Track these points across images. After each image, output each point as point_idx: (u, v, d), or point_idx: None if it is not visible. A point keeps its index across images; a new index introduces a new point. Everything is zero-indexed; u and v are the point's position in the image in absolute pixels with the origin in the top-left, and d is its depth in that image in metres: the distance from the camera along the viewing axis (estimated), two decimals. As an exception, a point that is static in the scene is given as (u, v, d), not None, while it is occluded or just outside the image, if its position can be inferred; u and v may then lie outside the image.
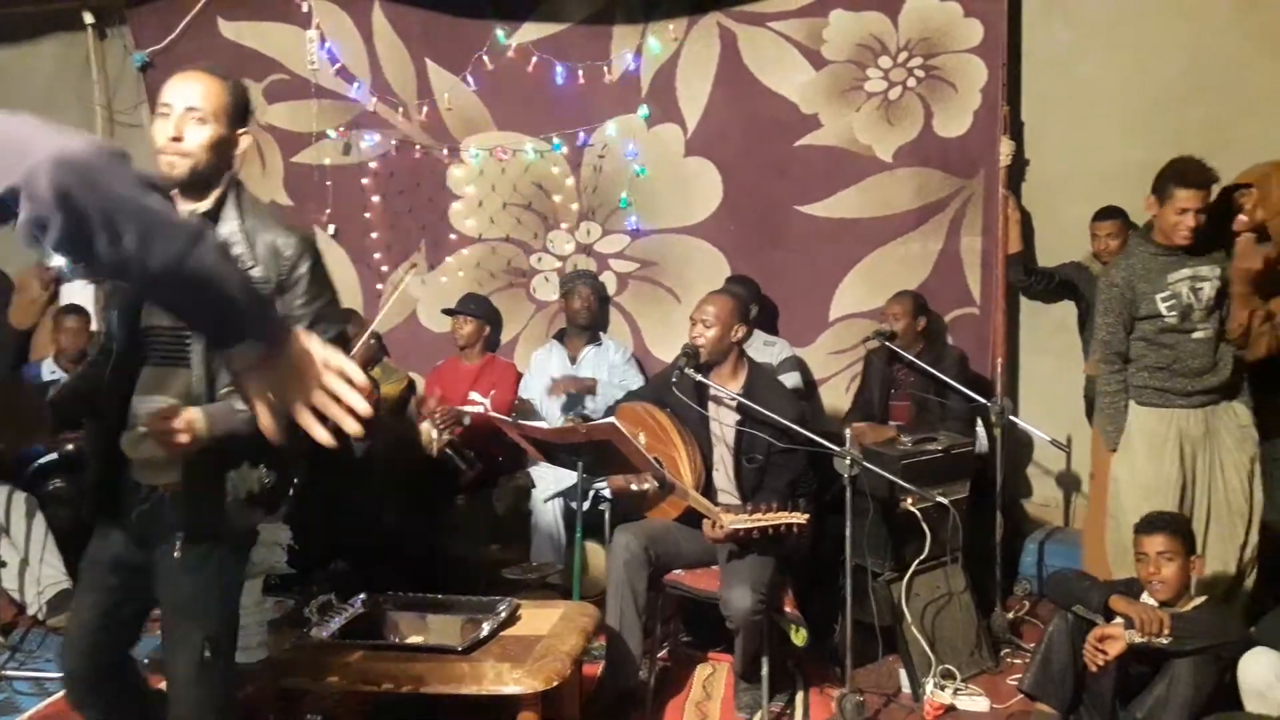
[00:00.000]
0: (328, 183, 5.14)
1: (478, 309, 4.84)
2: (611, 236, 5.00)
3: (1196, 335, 3.40)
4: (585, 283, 4.74)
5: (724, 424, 3.42)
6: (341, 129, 5.10)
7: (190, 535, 2.10)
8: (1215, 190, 3.42)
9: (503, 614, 2.85)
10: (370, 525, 3.77)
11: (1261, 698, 2.76)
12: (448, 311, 4.81)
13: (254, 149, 5.15)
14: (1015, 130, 4.54)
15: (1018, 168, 4.58)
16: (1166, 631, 2.84)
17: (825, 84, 4.68)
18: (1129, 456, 3.51)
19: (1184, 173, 3.33)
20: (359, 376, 1.43)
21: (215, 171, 2.14)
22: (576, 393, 4.43)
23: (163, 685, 2.17)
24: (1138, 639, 2.86)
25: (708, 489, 3.39)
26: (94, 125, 5.20)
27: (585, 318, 4.70)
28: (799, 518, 3.06)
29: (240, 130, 2.17)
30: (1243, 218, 3.55)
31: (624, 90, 4.84)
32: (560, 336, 4.80)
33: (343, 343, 2.30)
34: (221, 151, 2.14)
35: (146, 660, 2.77)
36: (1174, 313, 3.40)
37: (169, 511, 2.11)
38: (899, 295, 4.41)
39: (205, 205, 2.13)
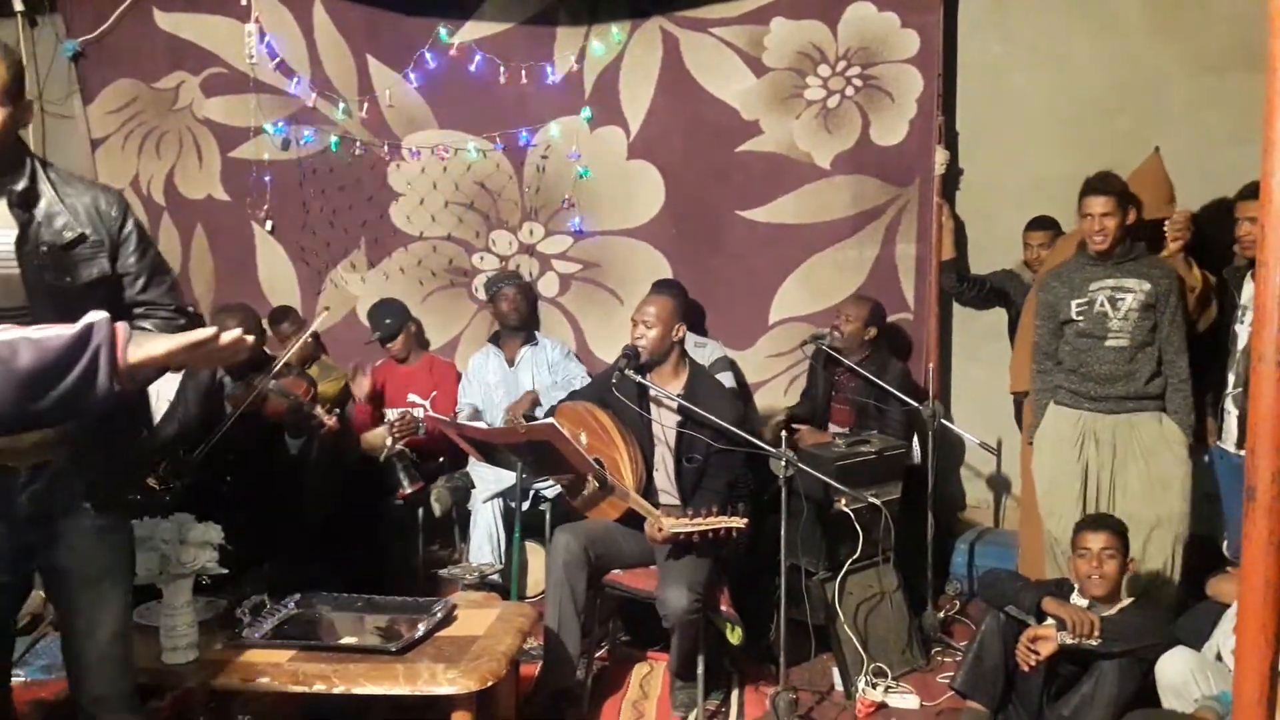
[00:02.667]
0: (266, 178, 5.07)
1: (396, 321, 4.71)
2: (554, 237, 5.00)
3: (1109, 343, 3.54)
4: (510, 284, 4.71)
5: (665, 425, 3.45)
6: (280, 124, 5.03)
7: (96, 504, 2.12)
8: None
9: (438, 614, 2.85)
10: (305, 524, 3.73)
11: (1178, 695, 2.84)
12: (379, 341, 4.69)
13: (191, 142, 5.13)
14: (950, 140, 4.64)
15: (952, 176, 4.68)
16: (1096, 633, 2.94)
17: (766, 91, 4.73)
18: (1038, 453, 3.72)
19: (1089, 182, 3.56)
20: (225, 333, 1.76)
21: (13, 150, 2.11)
22: (530, 410, 4.39)
23: None
24: (1068, 640, 2.95)
25: (648, 489, 3.41)
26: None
27: (514, 320, 4.68)
28: (738, 522, 3.08)
29: (24, 100, 2.12)
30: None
31: (567, 91, 4.85)
32: (496, 339, 4.78)
33: (175, 288, 2.33)
34: (13, 129, 2.09)
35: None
36: (1083, 318, 3.57)
37: (67, 482, 2.10)
38: (857, 298, 4.45)
39: (20, 183, 2.09)
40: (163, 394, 4.47)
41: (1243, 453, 3.22)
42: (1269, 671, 1.35)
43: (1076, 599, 3.11)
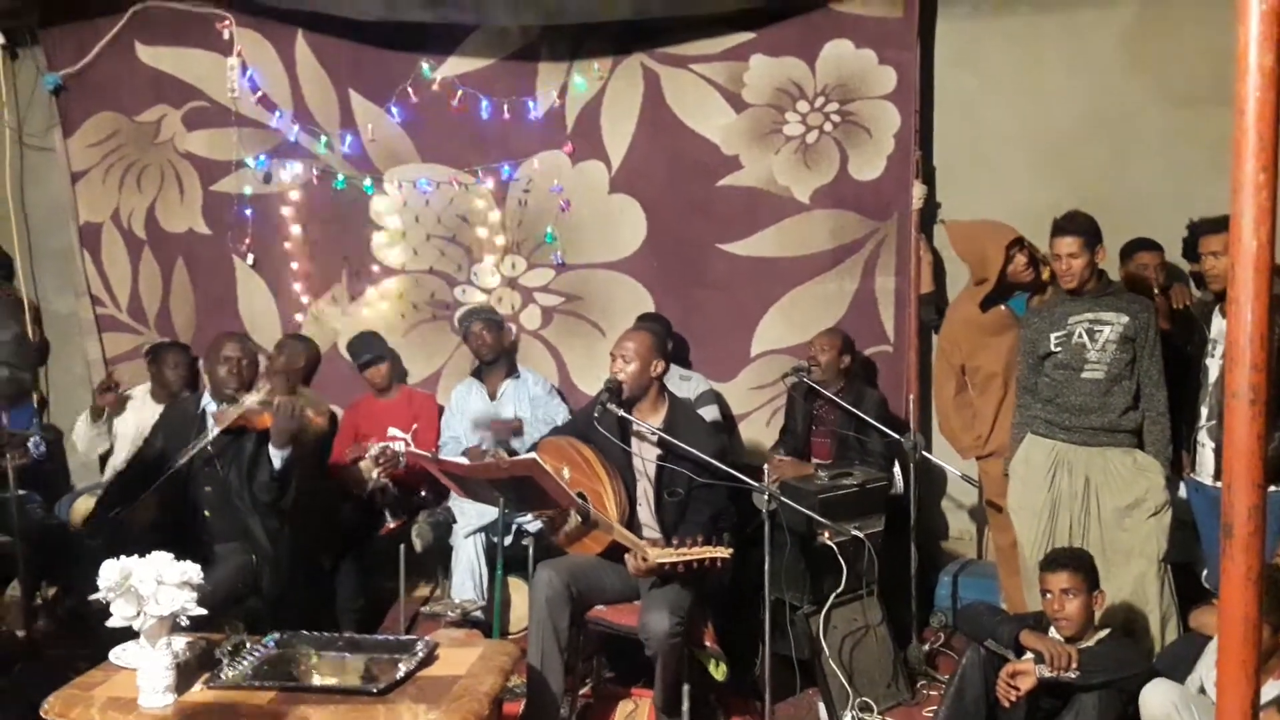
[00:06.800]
0: (247, 212, 5.06)
1: (382, 349, 4.75)
2: (536, 270, 5.01)
3: (1085, 375, 3.58)
4: (478, 319, 4.69)
5: (646, 459, 3.44)
6: (262, 158, 5.03)
7: None
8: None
9: (420, 654, 2.81)
10: (286, 562, 3.69)
11: (1161, 727, 2.85)
12: (362, 366, 4.71)
13: (172, 176, 5.12)
14: (927, 174, 4.69)
15: (929, 210, 4.72)
16: (1074, 666, 2.93)
17: (745, 126, 4.78)
18: (1012, 482, 3.77)
19: (1056, 223, 3.63)
20: None
21: None
22: (505, 435, 4.38)
23: None
24: (1047, 673, 2.94)
25: (631, 523, 3.40)
26: (3, 148, 5.06)
27: (487, 354, 4.66)
28: (723, 552, 3.08)
29: None
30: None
31: (549, 126, 4.88)
32: (479, 373, 4.77)
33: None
34: None
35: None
36: (1061, 349, 3.62)
37: None
38: (828, 331, 4.50)
39: None
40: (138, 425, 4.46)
41: (1219, 485, 3.27)
42: (1250, 708, 1.35)
43: (1055, 632, 3.11)
